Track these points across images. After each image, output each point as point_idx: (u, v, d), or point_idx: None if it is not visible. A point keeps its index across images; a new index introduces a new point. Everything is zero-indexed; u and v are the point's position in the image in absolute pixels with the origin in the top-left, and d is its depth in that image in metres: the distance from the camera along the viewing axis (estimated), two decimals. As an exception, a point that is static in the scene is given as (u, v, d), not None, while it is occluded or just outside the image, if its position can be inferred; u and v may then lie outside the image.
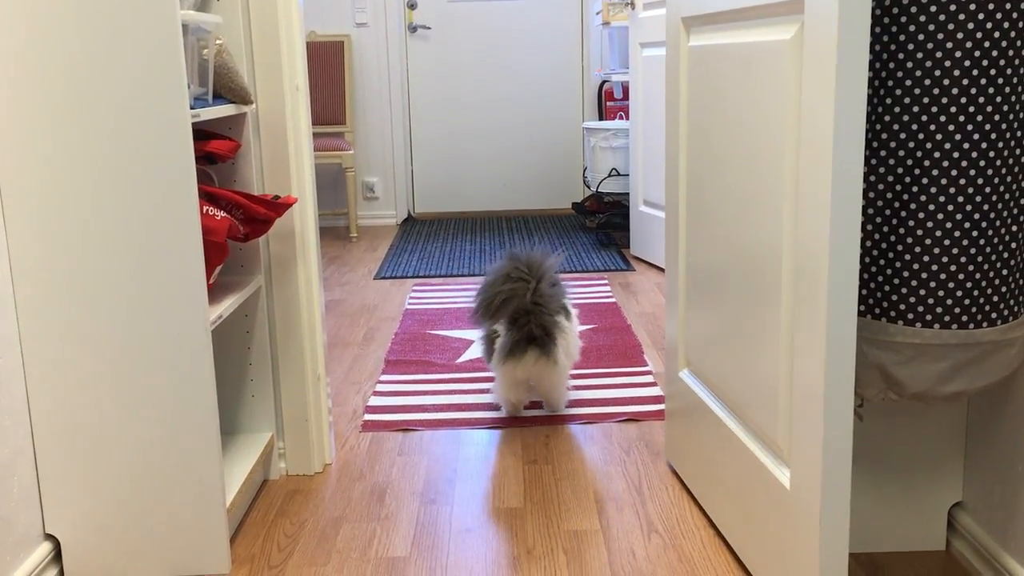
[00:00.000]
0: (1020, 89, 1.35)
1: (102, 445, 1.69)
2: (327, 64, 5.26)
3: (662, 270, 4.15)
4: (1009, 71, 1.33)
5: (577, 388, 2.67)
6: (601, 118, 5.59)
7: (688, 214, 1.94)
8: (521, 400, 2.47)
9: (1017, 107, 1.35)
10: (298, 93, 2.04)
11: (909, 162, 1.38)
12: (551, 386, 2.44)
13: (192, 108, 1.66)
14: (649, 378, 2.74)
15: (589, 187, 4.81)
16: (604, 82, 5.53)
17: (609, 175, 4.57)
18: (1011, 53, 1.32)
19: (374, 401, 2.63)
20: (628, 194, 4.54)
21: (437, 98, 5.70)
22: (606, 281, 3.96)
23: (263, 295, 2.07)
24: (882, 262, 1.43)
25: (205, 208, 1.73)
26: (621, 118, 5.27)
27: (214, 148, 1.82)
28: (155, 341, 1.66)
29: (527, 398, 2.49)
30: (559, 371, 2.37)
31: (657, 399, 2.58)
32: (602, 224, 4.84)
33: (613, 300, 3.63)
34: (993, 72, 1.33)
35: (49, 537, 1.74)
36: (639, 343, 3.07)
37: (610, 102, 5.40)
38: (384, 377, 2.81)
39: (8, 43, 1.55)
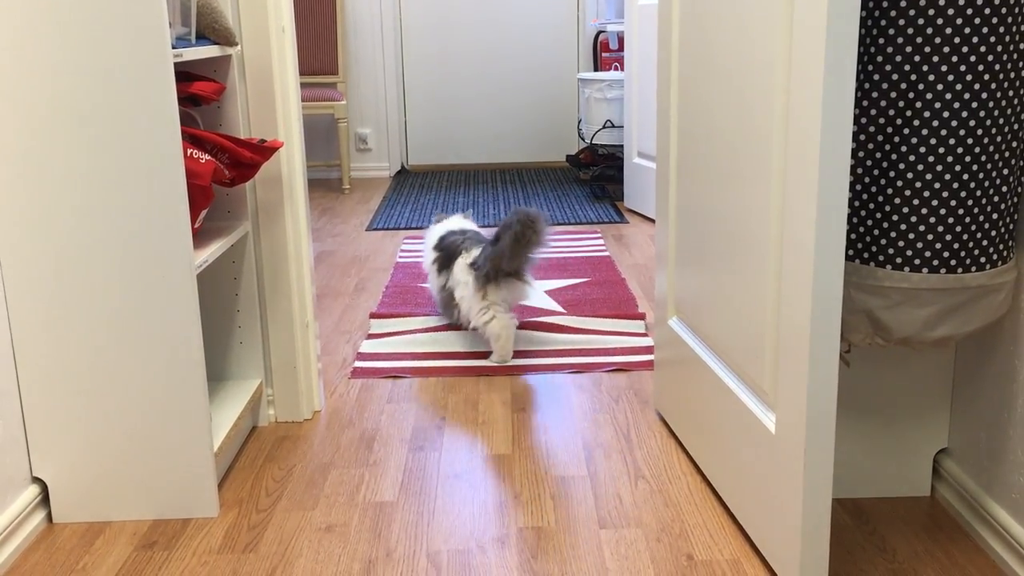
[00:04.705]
0: (1015, 31, 1.32)
1: (89, 389, 1.69)
2: (319, 12, 5.18)
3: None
4: (1004, 10, 1.31)
5: (570, 336, 2.66)
6: (596, 69, 5.53)
7: (678, 159, 1.92)
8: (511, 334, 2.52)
9: (1011, 48, 1.33)
10: (284, 35, 2.00)
11: (901, 104, 1.36)
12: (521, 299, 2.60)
13: (174, 48, 1.63)
14: (640, 329, 2.74)
15: (584, 139, 4.77)
16: (600, 32, 5.46)
17: (604, 127, 4.53)
18: (1007, -8, 1.30)
19: (364, 349, 2.63)
20: (622, 146, 4.51)
21: (431, 48, 5.63)
22: (599, 234, 3.95)
23: (250, 241, 2.05)
24: (871, 206, 1.42)
25: (189, 151, 1.71)
26: (616, 69, 5.21)
27: (198, 89, 1.79)
28: (140, 284, 1.65)
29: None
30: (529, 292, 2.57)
31: (648, 350, 2.58)
32: (596, 176, 4.81)
33: (606, 253, 3.62)
34: (988, 12, 1.30)
35: (36, 480, 1.74)
36: (632, 295, 3.06)
37: (606, 53, 5.33)
38: (374, 327, 2.80)
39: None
